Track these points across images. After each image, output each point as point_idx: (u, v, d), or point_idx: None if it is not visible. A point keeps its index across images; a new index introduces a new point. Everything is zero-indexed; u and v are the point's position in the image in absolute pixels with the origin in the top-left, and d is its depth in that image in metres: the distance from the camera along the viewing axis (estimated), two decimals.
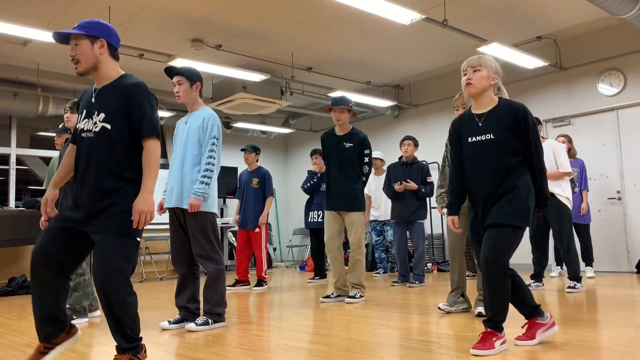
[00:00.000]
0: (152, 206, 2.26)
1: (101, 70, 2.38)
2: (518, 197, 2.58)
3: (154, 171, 2.30)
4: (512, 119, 2.63)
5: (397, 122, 9.31)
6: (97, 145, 2.30)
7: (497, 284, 2.53)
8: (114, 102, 2.32)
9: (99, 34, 2.35)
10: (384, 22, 6.21)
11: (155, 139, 2.32)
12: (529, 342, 2.67)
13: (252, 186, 6.12)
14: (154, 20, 6.18)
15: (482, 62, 2.71)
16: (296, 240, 10.83)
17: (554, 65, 7.10)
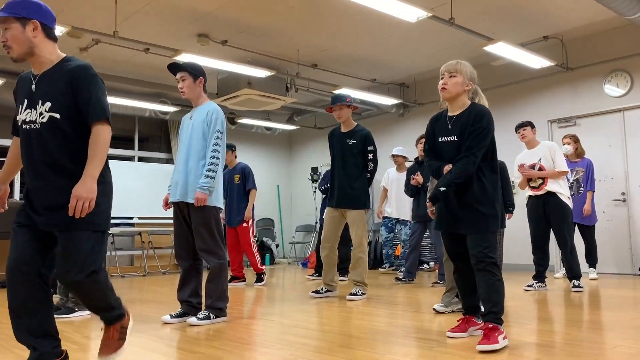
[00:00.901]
0: (92, 193, 2.05)
1: (38, 55, 2.16)
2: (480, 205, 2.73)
3: (100, 156, 2.11)
4: (471, 120, 2.76)
5: (402, 120, 9.30)
6: (45, 137, 2.12)
7: (488, 274, 2.67)
8: (59, 89, 2.13)
9: (30, 15, 2.12)
10: (390, 19, 6.20)
11: (105, 122, 2.13)
12: (462, 334, 2.89)
13: (234, 183, 6.13)
14: (160, 15, 6.19)
15: (459, 68, 2.84)
16: (299, 236, 10.84)
17: (561, 65, 7.07)
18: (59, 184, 2.11)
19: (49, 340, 2.15)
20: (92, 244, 2.12)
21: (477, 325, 2.92)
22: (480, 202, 2.73)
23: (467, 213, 2.75)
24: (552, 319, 3.48)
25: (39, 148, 2.13)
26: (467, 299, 2.96)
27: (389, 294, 4.99)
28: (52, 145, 2.12)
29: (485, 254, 2.68)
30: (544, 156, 5.07)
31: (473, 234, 2.72)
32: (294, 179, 11.41)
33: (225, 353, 2.63)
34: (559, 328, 3.14)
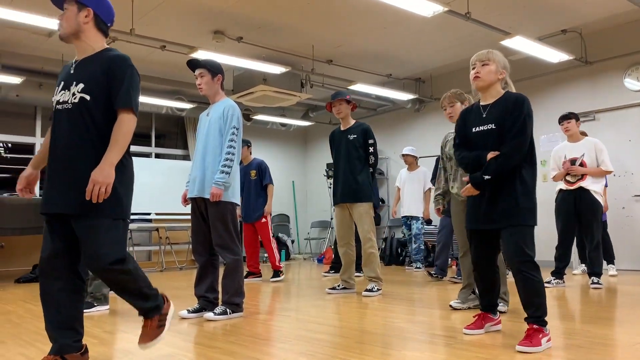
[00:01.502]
0: (109, 178, 2.08)
1: (83, 40, 2.28)
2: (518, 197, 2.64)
3: (121, 143, 2.15)
4: (509, 108, 2.69)
5: (418, 115, 9.25)
6: (74, 117, 2.18)
7: (529, 278, 2.56)
8: (94, 73, 2.21)
9: (87, 3, 2.26)
10: (406, 14, 6.16)
11: (130, 112, 2.19)
12: (478, 331, 2.86)
13: (250, 178, 6.15)
14: (176, 12, 6.22)
15: (491, 56, 2.79)
16: (314, 232, 10.86)
17: (579, 59, 6.97)
18: (79, 167, 2.15)
19: (70, 333, 2.18)
20: (111, 232, 2.14)
21: (494, 321, 2.91)
22: (519, 195, 2.63)
23: (505, 206, 2.64)
24: (571, 315, 3.45)
25: (66, 128, 2.18)
26: (485, 297, 2.92)
27: (405, 290, 4.98)
28: (79, 126, 2.17)
29: (523, 252, 2.56)
30: (587, 152, 4.98)
31: (511, 228, 2.61)
32: (309, 175, 11.42)
33: (242, 348, 2.65)
34: (577, 325, 3.11)
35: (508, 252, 2.63)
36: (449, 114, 3.85)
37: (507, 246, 2.63)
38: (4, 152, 8.89)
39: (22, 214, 6.15)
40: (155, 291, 2.31)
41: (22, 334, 3.08)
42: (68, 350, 2.17)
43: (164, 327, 2.32)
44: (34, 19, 5.30)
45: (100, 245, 2.11)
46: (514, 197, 2.63)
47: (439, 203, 3.99)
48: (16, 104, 7.97)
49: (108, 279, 2.17)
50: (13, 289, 5.53)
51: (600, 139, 6.12)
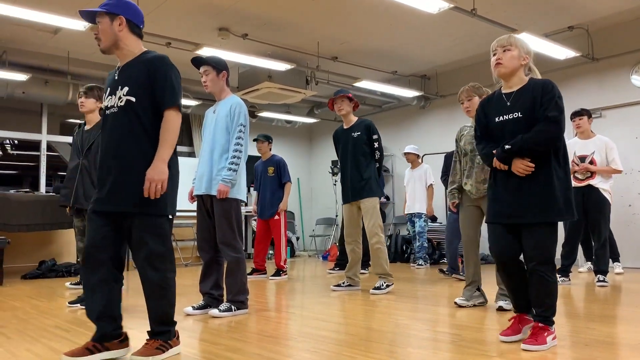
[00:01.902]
0: (164, 175, 2.24)
1: (123, 47, 2.39)
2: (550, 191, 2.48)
3: (170, 141, 2.29)
4: (538, 94, 2.53)
5: (423, 112, 9.23)
6: (121, 119, 2.31)
7: (545, 278, 2.48)
8: (138, 76, 2.33)
9: (118, 11, 2.35)
10: (411, 10, 6.14)
11: (176, 109, 2.32)
12: (516, 337, 2.63)
13: (268, 175, 6.14)
14: (181, 9, 6.23)
15: (513, 41, 2.63)
16: (319, 229, 10.86)
17: (586, 56, 6.93)
18: (129, 166, 2.28)
19: (109, 322, 2.33)
20: (158, 229, 2.30)
21: (532, 322, 2.63)
22: (553, 187, 2.46)
23: (536, 198, 2.47)
24: (576, 313, 3.43)
25: (115, 130, 2.32)
26: (518, 296, 2.67)
27: (410, 287, 4.97)
28: (127, 127, 2.30)
29: (545, 251, 2.46)
30: (598, 150, 4.97)
31: (535, 225, 2.47)
32: (314, 172, 11.42)
33: (247, 345, 2.65)
34: (583, 323, 3.09)
35: (528, 249, 2.51)
36: (466, 108, 3.74)
37: (528, 242, 2.50)
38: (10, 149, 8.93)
39: (29, 211, 6.18)
40: (173, 322, 2.42)
41: (29, 330, 3.09)
42: (108, 338, 2.33)
43: (162, 353, 2.35)
44: (40, 16, 5.32)
45: (149, 240, 2.27)
46: (549, 191, 2.47)
47: (454, 197, 3.89)
48: (22, 101, 8.01)
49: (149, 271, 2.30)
50: (20, 285, 5.57)
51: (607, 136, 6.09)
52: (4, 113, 8.37)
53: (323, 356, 2.41)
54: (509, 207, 2.56)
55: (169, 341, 2.39)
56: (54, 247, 7.22)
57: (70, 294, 4.70)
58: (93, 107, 4.09)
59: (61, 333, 3.00)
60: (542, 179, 2.49)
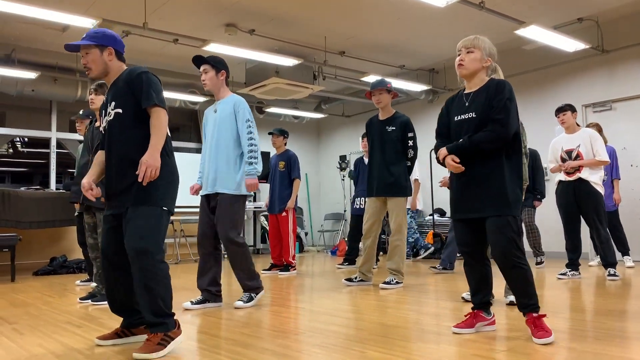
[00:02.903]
0: (157, 162, 2.40)
1: (109, 73, 2.62)
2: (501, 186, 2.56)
3: (160, 131, 2.46)
4: (491, 95, 2.60)
5: (432, 106, 9.19)
6: (114, 130, 2.54)
7: (522, 267, 2.52)
8: (121, 89, 2.55)
9: (107, 43, 2.58)
10: (419, 4, 6.11)
11: (156, 107, 2.49)
12: (469, 330, 2.71)
13: (279, 169, 6.15)
14: (188, 5, 6.23)
15: (476, 43, 2.71)
16: (327, 225, 10.87)
17: (596, 48, 6.86)
18: (126, 171, 2.49)
19: (130, 312, 2.62)
20: (151, 219, 2.45)
21: (487, 320, 2.76)
22: (506, 182, 2.54)
23: (490, 193, 2.55)
24: (587, 308, 3.41)
25: (110, 141, 2.55)
26: (477, 295, 2.76)
27: (419, 282, 4.97)
28: (119, 137, 2.52)
29: (514, 242, 2.50)
30: (583, 143, 4.94)
31: (497, 218, 2.52)
32: (322, 167, 11.41)
33: (257, 340, 2.67)
34: (594, 317, 3.08)
35: (496, 243, 2.53)
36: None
37: (495, 236, 2.54)
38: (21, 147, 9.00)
39: (39, 208, 6.23)
40: (171, 313, 2.47)
41: (41, 326, 3.12)
42: (133, 325, 2.64)
43: (164, 348, 2.37)
44: (49, 14, 5.34)
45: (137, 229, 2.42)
46: (501, 186, 2.55)
47: None
48: (32, 99, 8.06)
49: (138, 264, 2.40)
50: (31, 281, 5.62)
51: (617, 129, 6.07)
52: (14, 111, 8.43)
53: (333, 351, 2.41)
54: (465, 203, 2.66)
55: (169, 333, 2.42)
56: (64, 243, 7.28)
57: (81, 290, 4.74)
58: None
59: (73, 329, 3.03)
60: (493, 175, 2.57)
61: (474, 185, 2.62)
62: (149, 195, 2.46)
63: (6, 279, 5.79)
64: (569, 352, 2.31)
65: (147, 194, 2.45)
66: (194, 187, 3.85)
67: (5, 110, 8.39)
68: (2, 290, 4.90)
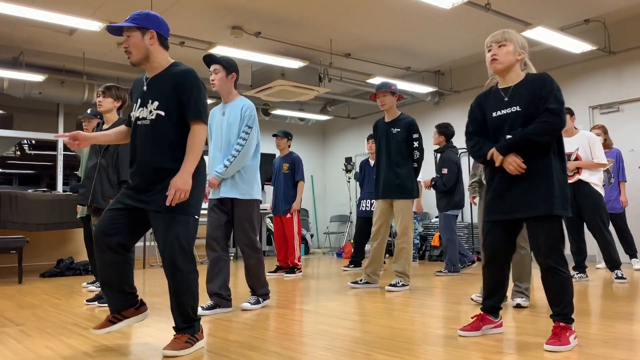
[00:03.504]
0: (188, 185, 2.37)
1: (152, 60, 2.48)
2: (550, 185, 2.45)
3: (195, 154, 2.41)
4: (537, 88, 2.51)
5: (438, 108, 9.17)
6: (153, 131, 2.44)
7: (559, 274, 2.44)
8: (166, 90, 2.44)
9: (149, 25, 2.44)
10: (425, 6, 6.10)
11: (201, 122, 2.43)
12: (475, 333, 2.67)
13: (283, 172, 6.16)
14: (195, 8, 6.25)
15: (507, 36, 2.62)
16: (333, 227, 10.86)
17: (603, 49, 6.83)
18: (159, 172, 2.43)
19: (121, 295, 2.52)
20: (184, 227, 2.42)
21: (493, 324, 2.72)
22: (554, 180, 2.43)
23: (538, 192, 2.44)
24: (594, 310, 3.39)
25: (146, 141, 2.45)
26: (491, 298, 2.70)
27: (427, 284, 4.95)
28: (157, 139, 2.43)
29: (556, 245, 2.42)
30: (582, 146, 4.94)
31: (543, 219, 2.42)
32: (328, 169, 11.41)
33: (263, 342, 2.66)
34: (601, 320, 3.06)
35: (539, 245, 2.45)
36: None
37: (537, 238, 2.45)
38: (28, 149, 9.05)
39: (46, 210, 6.26)
40: (198, 318, 2.52)
41: (48, 328, 3.13)
42: (122, 307, 2.53)
43: (191, 346, 2.44)
44: (56, 17, 5.38)
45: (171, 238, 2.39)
46: (549, 184, 2.44)
47: (475, 191, 3.83)
48: (39, 102, 8.11)
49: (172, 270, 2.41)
50: (38, 283, 5.64)
51: (625, 131, 6.03)
52: (22, 113, 8.49)
53: (339, 353, 2.41)
54: (511, 203, 2.53)
55: (195, 335, 2.49)
56: (71, 245, 7.31)
57: (87, 292, 4.76)
58: (110, 107, 4.13)
59: (79, 330, 3.04)
60: (542, 173, 2.47)
61: (519, 184, 2.51)
62: (187, 203, 2.42)
63: (13, 280, 5.82)
64: (578, 355, 2.29)
65: (184, 202, 2.41)
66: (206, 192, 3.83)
67: (12, 113, 8.45)
68: (10, 292, 4.92)
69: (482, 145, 2.64)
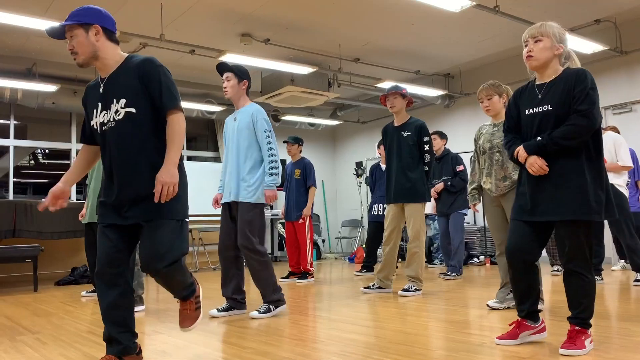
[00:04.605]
0: (175, 178, 2.14)
1: (102, 58, 2.24)
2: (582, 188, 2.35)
3: (177, 143, 2.20)
4: (571, 85, 2.39)
5: (448, 111, 9.14)
6: (123, 132, 2.20)
7: (581, 277, 2.39)
8: (131, 84, 2.21)
9: (92, 20, 2.20)
10: (433, 9, 6.10)
11: (178, 111, 2.23)
12: (512, 342, 2.56)
13: (294, 177, 6.17)
14: (205, 16, 6.30)
15: (544, 30, 2.48)
16: (345, 232, 10.84)
17: (614, 49, 6.77)
18: (141, 177, 2.20)
19: (129, 335, 2.25)
20: (174, 233, 2.22)
21: (533, 329, 2.60)
22: (587, 183, 2.34)
23: (568, 195, 2.35)
24: (611, 314, 3.35)
25: (118, 145, 2.21)
26: (525, 303, 2.57)
27: (441, 288, 4.93)
28: (131, 140, 2.20)
29: (582, 249, 2.35)
30: (607, 148, 4.89)
31: (570, 221, 2.34)
32: (339, 174, 11.41)
33: (275, 348, 2.66)
34: (617, 323, 3.02)
35: (564, 248, 2.39)
36: (486, 107, 3.64)
37: (563, 241, 2.39)
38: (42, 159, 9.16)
39: (60, 219, 6.33)
40: (192, 277, 2.41)
41: (63, 335, 3.16)
42: (128, 351, 2.24)
43: (200, 309, 2.41)
44: None
45: (163, 246, 2.18)
46: (582, 185, 2.34)
47: (474, 198, 3.85)
48: (52, 111, 8.20)
49: (163, 277, 2.22)
50: (53, 291, 5.70)
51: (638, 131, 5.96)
52: (35, 123, 8.59)
53: (352, 359, 2.40)
54: (538, 204, 2.45)
55: (195, 294, 2.40)
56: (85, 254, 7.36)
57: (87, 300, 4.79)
58: None
59: (94, 338, 3.06)
60: (573, 175, 2.37)
61: (549, 186, 2.42)
62: (174, 207, 2.22)
63: (29, 289, 5.88)
64: (594, 359, 2.27)
65: (171, 206, 2.21)
66: (216, 197, 3.88)
67: (26, 123, 8.55)
68: (25, 300, 4.97)
69: (512, 144, 2.58)
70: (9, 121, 8.13)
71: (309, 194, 6.12)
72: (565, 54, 2.52)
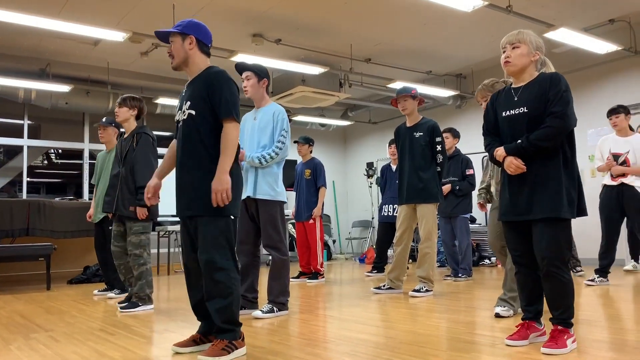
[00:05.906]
0: (227, 184, 2.38)
1: (191, 64, 2.59)
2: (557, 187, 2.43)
3: (229, 151, 2.44)
4: (545, 88, 2.47)
5: (460, 112, 9.10)
6: (185, 131, 2.52)
7: (558, 278, 2.42)
8: (198, 90, 2.52)
9: (189, 31, 2.57)
10: (445, 9, 6.07)
11: (233, 120, 2.46)
12: (522, 342, 2.57)
13: (305, 178, 6.17)
14: (216, 17, 6.33)
15: (521, 38, 2.58)
16: (355, 232, 10.83)
17: (629, 49, 6.70)
18: (195, 174, 2.49)
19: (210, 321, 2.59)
20: (222, 228, 2.47)
21: (539, 331, 2.63)
22: (562, 183, 2.41)
23: (544, 195, 2.43)
24: (623, 316, 3.31)
25: (182, 141, 2.54)
26: (532, 305, 2.61)
27: (451, 290, 4.90)
28: (190, 139, 2.51)
29: (557, 249, 2.39)
30: (633, 150, 4.85)
31: (546, 221, 2.41)
32: (350, 175, 11.40)
33: (286, 348, 2.67)
34: (632, 326, 2.99)
35: (541, 248, 2.43)
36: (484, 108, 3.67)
37: (538, 240, 2.44)
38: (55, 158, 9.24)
39: (73, 218, 6.38)
40: (239, 323, 2.51)
41: (75, 333, 3.19)
42: (210, 332, 2.61)
43: (228, 354, 2.41)
44: (81, 29, 5.49)
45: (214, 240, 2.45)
46: (557, 185, 2.42)
47: (481, 197, 3.84)
48: (65, 112, 8.28)
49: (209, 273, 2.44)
50: (66, 289, 5.75)
51: None
52: (49, 123, 8.68)
53: (362, 359, 2.40)
54: (518, 204, 2.53)
55: (234, 342, 2.46)
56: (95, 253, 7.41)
57: (99, 299, 4.82)
58: (127, 116, 4.25)
59: (106, 336, 3.08)
60: (550, 175, 2.45)
61: (528, 186, 2.50)
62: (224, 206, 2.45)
63: (42, 287, 5.93)
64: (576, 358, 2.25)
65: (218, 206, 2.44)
66: None
67: (40, 123, 8.64)
68: (39, 298, 5.02)
69: (492, 146, 2.65)
70: (23, 121, 8.22)
71: (319, 194, 6.12)
72: (541, 61, 2.63)
